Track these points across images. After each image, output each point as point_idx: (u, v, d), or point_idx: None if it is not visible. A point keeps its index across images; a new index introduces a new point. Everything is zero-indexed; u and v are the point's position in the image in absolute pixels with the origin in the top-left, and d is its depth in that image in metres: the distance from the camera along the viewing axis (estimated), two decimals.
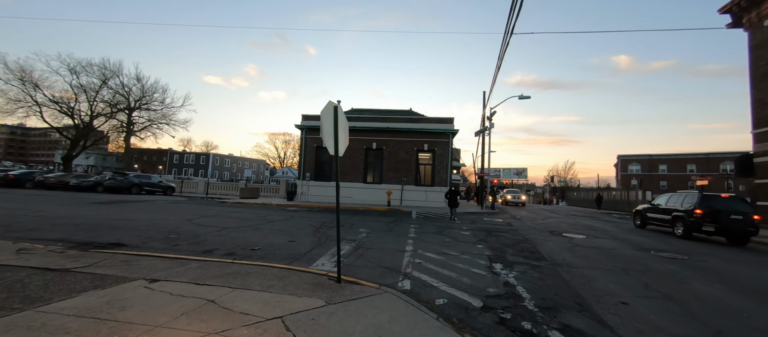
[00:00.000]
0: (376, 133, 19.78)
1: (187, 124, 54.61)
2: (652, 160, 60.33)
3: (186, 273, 4.23)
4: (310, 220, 10.86)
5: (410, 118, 19.90)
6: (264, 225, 9.25)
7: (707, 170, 55.32)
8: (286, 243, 6.98)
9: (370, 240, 7.72)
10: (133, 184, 19.74)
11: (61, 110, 27.50)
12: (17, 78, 24.25)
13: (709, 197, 10.64)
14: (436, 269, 5.37)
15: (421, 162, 19.59)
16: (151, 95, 43.98)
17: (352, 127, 19.77)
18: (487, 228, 10.94)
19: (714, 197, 10.62)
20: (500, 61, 10.03)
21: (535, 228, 11.67)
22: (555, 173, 71.67)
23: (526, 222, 13.80)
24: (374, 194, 19.26)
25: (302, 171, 20.15)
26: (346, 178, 19.74)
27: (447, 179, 18.93)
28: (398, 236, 8.46)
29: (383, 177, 19.55)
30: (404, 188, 19.16)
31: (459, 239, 8.43)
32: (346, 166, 19.83)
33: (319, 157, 20.34)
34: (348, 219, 11.53)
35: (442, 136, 19.21)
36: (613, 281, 5.23)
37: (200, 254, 5.70)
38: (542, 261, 6.37)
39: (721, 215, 9.95)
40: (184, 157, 62.47)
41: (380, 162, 19.78)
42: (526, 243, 8.34)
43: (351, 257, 6.03)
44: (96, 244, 6.12)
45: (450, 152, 19.01)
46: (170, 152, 62.20)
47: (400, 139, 19.59)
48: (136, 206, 12.72)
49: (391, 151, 19.64)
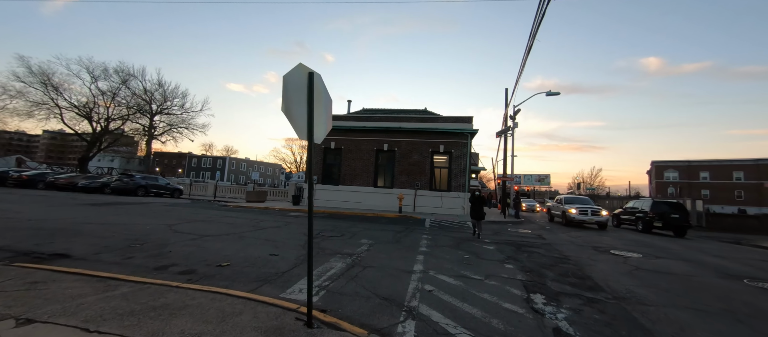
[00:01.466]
0: (388, 134, 18.43)
1: (205, 128, 55.54)
2: (692, 167, 55.39)
3: (91, 307, 2.98)
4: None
5: (424, 118, 18.43)
6: (251, 233, 8.04)
7: (757, 177, 50.01)
8: (266, 257, 5.67)
9: (371, 255, 6.30)
10: (140, 186, 19.34)
11: (79, 113, 28.11)
12: (39, 81, 24.99)
13: (658, 202, 15.14)
14: (453, 303, 3.88)
15: (437, 165, 18.02)
16: (171, 100, 45.23)
17: (362, 127, 18.54)
18: (515, 241, 9.23)
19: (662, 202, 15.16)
20: (529, 46, 8.44)
21: (573, 242, 9.83)
22: (581, 179, 67.42)
23: (559, 234, 11.91)
24: (385, 199, 17.83)
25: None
26: (354, 181, 18.45)
27: (465, 184, 17.23)
28: (406, 250, 6.98)
29: (395, 181, 18.11)
30: (417, 193, 17.62)
31: (481, 256, 6.84)
32: (354, 168, 18.57)
33: (326, 159, 19.21)
34: (350, 227, 10.16)
35: (460, 137, 17.58)
36: (723, 332, 3.53)
37: (151, 271, 4.49)
38: (598, 292, 4.72)
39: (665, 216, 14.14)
40: (201, 161, 63.67)
41: (392, 165, 18.37)
42: (569, 263, 6.63)
43: (341, 279, 4.63)
44: (35, 254, 5.06)
45: (469, 154, 17.32)
46: (189, 156, 63.60)
47: (414, 141, 18.13)
48: (127, 209, 11.94)
49: (403, 153, 18.21)
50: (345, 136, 18.93)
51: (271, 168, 77.13)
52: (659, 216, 14.00)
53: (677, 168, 56.66)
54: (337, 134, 19.05)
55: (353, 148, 18.77)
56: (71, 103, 27.44)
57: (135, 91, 38.80)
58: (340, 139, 18.98)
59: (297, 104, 3.15)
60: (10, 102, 26.30)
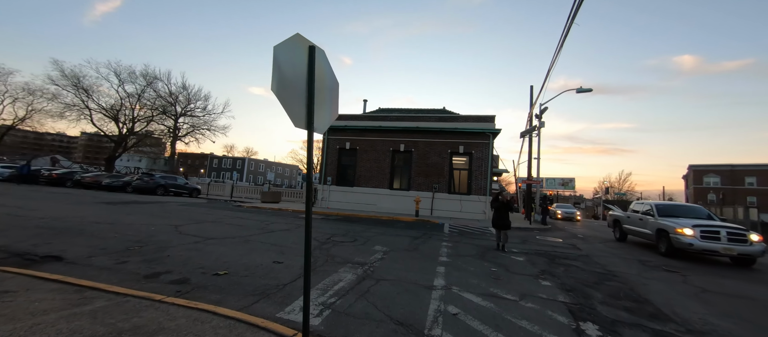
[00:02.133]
0: (405, 134, 17.73)
1: (226, 129, 56.85)
2: (736, 172, 50.90)
3: (47, 329, 2.49)
4: (319, 231, 9.04)
5: (443, 117, 17.59)
6: (258, 236, 7.57)
7: None
8: (268, 265, 5.13)
9: (386, 265, 5.63)
10: (159, 185, 19.67)
11: (107, 115, 29.38)
12: (71, 84, 26.32)
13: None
14: (486, 333, 3.13)
15: (456, 167, 17.12)
16: (195, 103, 46.86)
17: (378, 127, 17.95)
18: (546, 252, 8.27)
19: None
20: (567, 30, 7.51)
21: (614, 253, 8.72)
22: (609, 183, 63.82)
23: (594, 243, 10.75)
24: (401, 202, 17.12)
25: (324, 175, 18.66)
26: (370, 183, 17.87)
27: (486, 187, 16.22)
28: (425, 260, 6.26)
29: (411, 183, 17.36)
30: (435, 196, 16.78)
31: (511, 269, 6.01)
32: (370, 170, 17.98)
33: (341, 159, 18.75)
34: (364, 232, 9.53)
35: (481, 137, 16.61)
36: None
37: (140, 279, 4.04)
38: (666, 322, 3.82)
39: None
40: (222, 162, 65.52)
41: (408, 166, 17.64)
42: (616, 281, 5.68)
43: (350, 295, 3.99)
44: (28, 256, 4.76)
45: (490, 156, 16.31)
46: (210, 156, 65.59)
47: (432, 141, 17.32)
48: (141, 208, 11.90)
49: (421, 153, 17.44)
50: (360, 137, 18.41)
51: (288, 169, 78.21)
52: None
53: (719, 173, 52.26)
54: (352, 134, 18.55)
55: (369, 149, 18.21)
56: (99, 105, 28.75)
57: (160, 94, 40.36)
58: (356, 140, 18.47)
59: (292, 85, 2.54)
60: (46, 104, 27.82)
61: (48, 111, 27.29)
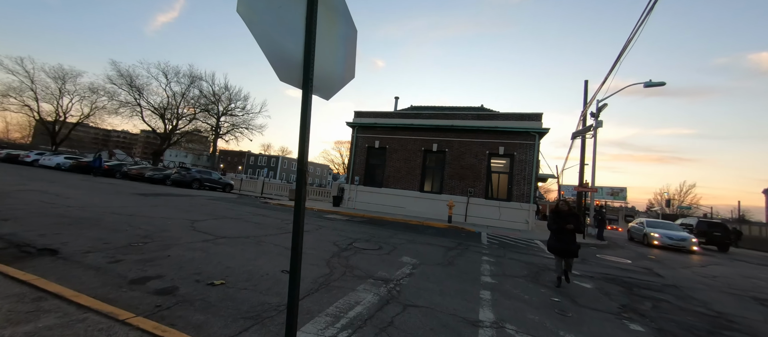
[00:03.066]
0: (438, 133, 16.48)
1: (262, 128, 59.26)
2: None
3: None
4: (341, 234, 8.19)
5: (481, 115, 16.07)
6: (273, 237, 6.88)
7: None
8: (275, 275, 4.31)
9: (415, 284, 4.57)
10: (195, 179, 20.31)
11: (155, 112, 31.61)
12: (126, 83, 28.62)
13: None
14: None
15: (495, 170, 15.51)
16: (235, 103, 49.52)
17: (409, 125, 16.89)
18: (617, 276, 6.65)
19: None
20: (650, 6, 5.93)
21: (709, 284, 6.82)
22: (669, 195, 56.81)
23: (677, 268, 8.72)
24: (432, 206, 15.88)
25: (351, 174, 17.98)
26: (399, 184, 16.84)
27: (530, 193, 14.44)
28: (463, 280, 5.09)
29: (444, 186, 16.05)
30: (470, 201, 15.31)
31: (579, 300, 4.64)
32: (399, 170, 16.96)
33: (370, 158, 17.94)
34: (391, 237, 8.51)
35: (525, 137, 14.86)
36: None
37: (125, 284, 3.40)
38: None
39: None
40: (258, 159, 68.44)
41: (441, 167, 16.35)
42: (739, 331, 4.08)
43: (367, 328, 3.00)
44: (26, 247, 4.38)
45: (536, 158, 14.50)
46: (247, 154, 68.88)
47: (468, 141, 15.88)
48: (168, 200, 11.95)
49: (455, 154, 16.07)
50: (390, 135, 17.47)
51: (320, 168, 79.75)
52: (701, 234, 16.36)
53: None
54: (381, 132, 17.67)
55: (399, 148, 17.21)
56: (149, 103, 30.97)
57: (204, 93, 42.94)
58: (385, 138, 17.57)
59: (277, 14, 1.59)
60: (108, 102, 30.49)
61: (106, 108, 29.94)
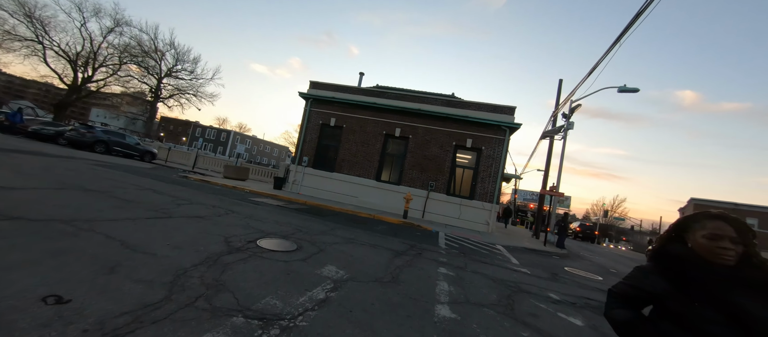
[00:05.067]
0: (403, 117, 14.59)
1: (214, 98, 52.93)
2: (739, 211, 48.97)
3: None
4: (251, 225, 5.89)
5: (451, 102, 14.48)
6: (132, 224, 4.37)
7: None
8: (29, 305, 1.93)
9: (325, 326, 2.50)
10: (99, 140, 16.19)
11: (62, 55, 25.46)
12: (23, 13, 22.43)
13: None
14: None
15: (460, 164, 14.07)
16: (182, 64, 43.33)
17: (371, 104, 14.77)
18: (602, 303, 5.25)
19: None
20: None
21: None
22: (607, 207, 62.00)
23: None
24: (388, 198, 14.04)
25: (299, 154, 15.41)
26: (353, 170, 14.72)
27: (494, 193, 13.22)
28: (409, 315, 3.14)
29: (403, 176, 14.28)
30: (430, 196, 13.74)
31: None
32: (356, 154, 14.82)
33: (323, 138, 15.52)
34: (326, 233, 6.39)
35: (495, 131, 13.55)
36: None
37: None
38: None
39: None
40: (206, 132, 61.35)
41: (403, 156, 14.54)
42: None
43: None
44: None
45: (504, 155, 13.29)
46: (194, 125, 61.37)
47: (435, 129, 14.22)
48: (33, 161, 8.57)
49: (419, 142, 14.33)
50: (349, 113, 15.20)
51: (278, 150, 74.45)
52: None
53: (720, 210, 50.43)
54: (339, 109, 15.33)
55: (357, 129, 15.03)
56: (54, 42, 24.80)
57: (144, 48, 36.62)
58: (343, 116, 15.26)
59: None
60: None
61: None
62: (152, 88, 42.92)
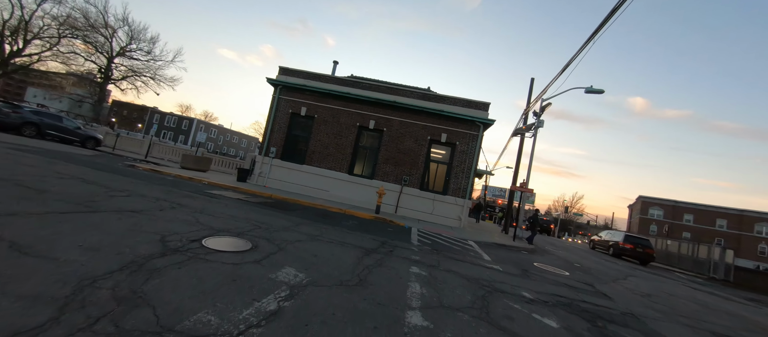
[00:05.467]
0: (378, 109, 14.11)
1: (174, 82, 48.84)
2: (678, 208, 54.56)
3: None
4: (201, 220, 5.16)
5: (427, 95, 14.23)
6: (45, 221, 3.53)
7: (739, 228, 49.56)
8: None
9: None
10: (27, 122, 14.05)
11: None
12: None
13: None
14: None
15: (434, 158, 13.91)
16: (138, 43, 39.64)
17: (345, 94, 14.13)
18: (573, 301, 5.19)
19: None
20: None
21: (662, 311, 5.91)
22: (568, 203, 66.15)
23: (610, 283, 8.02)
24: (361, 192, 13.57)
25: (266, 144, 14.43)
26: (325, 163, 14.05)
27: (467, 189, 13.23)
28: (375, 325, 2.71)
29: (376, 170, 13.86)
30: (404, 191, 13.46)
31: None
32: (328, 146, 14.14)
33: (293, 127, 14.64)
34: (288, 229, 5.80)
35: (470, 126, 13.52)
36: None
37: None
38: None
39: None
40: (165, 119, 56.55)
41: (377, 149, 14.10)
42: None
43: None
44: None
45: (478, 151, 13.31)
46: (152, 111, 56.17)
47: (410, 122, 13.91)
48: None
49: (394, 136, 13.96)
50: (321, 103, 14.44)
51: (246, 140, 70.85)
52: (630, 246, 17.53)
53: (663, 207, 55.73)
54: (311, 98, 14.52)
55: (330, 120, 14.33)
56: None
57: (91, 22, 32.82)
58: (315, 106, 14.47)
59: None
60: None
61: None
62: (102, 69, 38.89)
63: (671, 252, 21.32)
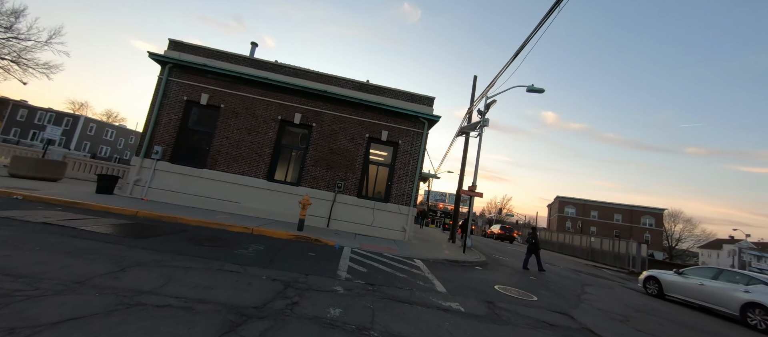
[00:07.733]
0: (305, 99, 11.57)
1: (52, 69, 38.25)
2: (586, 206, 62.82)
3: None
4: None
5: (365, 87, 12.20)
6: None
7: (630, 221, 59.02)
8: None
9: None
10: None
11: None
12: None
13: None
14: None
15: (374, 160, 11.88)
16: None
17: (264, 79, 11.26)
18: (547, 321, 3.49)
19: None
20: None
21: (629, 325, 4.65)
22: (501, 205, 71.20)
23: (568, 296, 6.82)
24: (283, 203, 10.79)
25: (147, 142, 10.63)
26: (235, 166, 10.89)
27: (412, 193, 11.49)
28: None
29: (304, 175, 11.24)
30: (338, 199, 11.11)
31: None
32: (239, 145, 11.02)
33: (189, 121, 11.14)
34: (116, 275, 2.95)
35: (414, 123, 11.88)
36: None
37: None
38: None
39: None
40: (36, 115, 43.70)
41: (304, 149, 11.49)
42: None
43: None
44: None
45: (423, 151, 11.71)
46: (13, 105, 42.69)
47: (345, 117, 11.67)
48: None
49: (325, 132, 11.54)
50: (231, 90, 11.29)
51: None
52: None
53: (575, 205, 63.65)
54: (216, 82, 11.26)
55: (242, 112, 11.26)
56: None
57: None
58: (222, 93, 11.24)
59: None
60: None
61: None
62: None
63: (595, 249, 23.10)
